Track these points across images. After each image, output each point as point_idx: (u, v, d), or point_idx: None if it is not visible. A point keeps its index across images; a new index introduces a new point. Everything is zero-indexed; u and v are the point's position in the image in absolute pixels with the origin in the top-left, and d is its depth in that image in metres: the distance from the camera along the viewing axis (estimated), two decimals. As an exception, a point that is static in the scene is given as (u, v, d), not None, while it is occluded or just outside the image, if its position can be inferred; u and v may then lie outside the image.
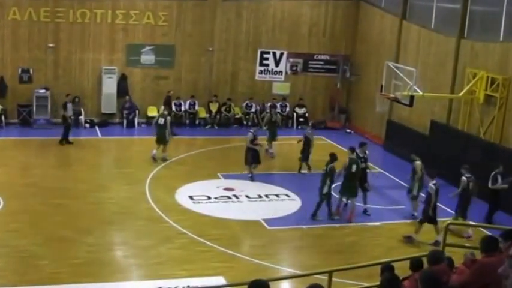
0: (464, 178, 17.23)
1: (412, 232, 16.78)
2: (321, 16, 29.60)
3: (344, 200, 18.50)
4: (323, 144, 25.33)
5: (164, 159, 22.63)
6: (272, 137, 24.02)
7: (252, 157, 21.03)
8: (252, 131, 21.42)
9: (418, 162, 18.44)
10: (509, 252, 6.83)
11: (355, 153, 18.40)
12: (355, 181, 18.09)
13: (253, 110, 29.07)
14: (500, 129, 20.79)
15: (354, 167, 17.91)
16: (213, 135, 27.46)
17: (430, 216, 16.46)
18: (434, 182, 16.50)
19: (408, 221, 18.29)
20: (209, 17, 28.39)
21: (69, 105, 24.64)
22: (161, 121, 22.69)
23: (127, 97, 27.47)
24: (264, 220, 17.69)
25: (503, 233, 7.60)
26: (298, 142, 22.59)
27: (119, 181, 20.75)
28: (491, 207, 18.24)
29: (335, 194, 18.42)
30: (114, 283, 13.47)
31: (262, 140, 22.32)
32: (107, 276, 13.84)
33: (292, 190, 20.23)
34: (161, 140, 22.66)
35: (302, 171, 22.19)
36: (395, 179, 21.98)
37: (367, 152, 19.16)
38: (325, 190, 17.69)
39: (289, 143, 24.37)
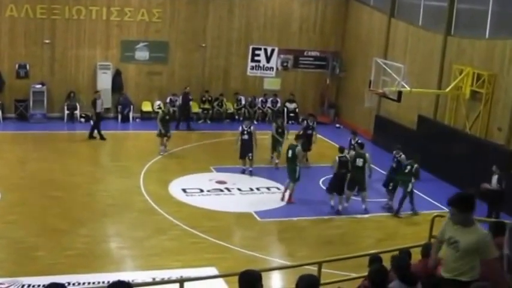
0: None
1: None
2: (311, 13, 29.99)
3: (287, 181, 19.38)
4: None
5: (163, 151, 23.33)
6: (277, 148, 22.58)
7: (248, 147, 21.15)
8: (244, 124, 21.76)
9: (352, 152, 19.31)
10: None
11: (299, 140, 19.78)
12: (294, 165, 19.02)
13: (243, 102, 29.50)
14: (485, 124, 21.15)
15: (289, 152, 19.18)
16: (206, 129, 27.80)
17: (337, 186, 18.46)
18: (340, 155, 18.38)
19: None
20: (202, 14, 28.72)
21: (99, 102, 24.88)
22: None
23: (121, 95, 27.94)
24: (256, 212, 18.04)
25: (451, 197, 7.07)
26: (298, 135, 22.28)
27: (114, 174, 21.08)
28: (488, 207, 17.88)
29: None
30: (109, 274, 13.48)
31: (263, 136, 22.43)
32: (102, 267, 14.05)
33: (282, 183, 20.35)
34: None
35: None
36: (384, 172, 22.33)
37: (357, 139, 20.27)
38: (409, 188, 18.37)
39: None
